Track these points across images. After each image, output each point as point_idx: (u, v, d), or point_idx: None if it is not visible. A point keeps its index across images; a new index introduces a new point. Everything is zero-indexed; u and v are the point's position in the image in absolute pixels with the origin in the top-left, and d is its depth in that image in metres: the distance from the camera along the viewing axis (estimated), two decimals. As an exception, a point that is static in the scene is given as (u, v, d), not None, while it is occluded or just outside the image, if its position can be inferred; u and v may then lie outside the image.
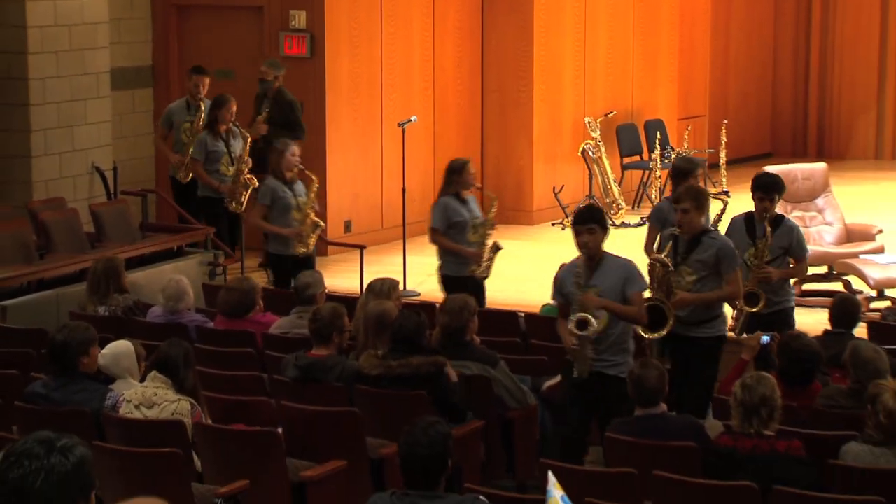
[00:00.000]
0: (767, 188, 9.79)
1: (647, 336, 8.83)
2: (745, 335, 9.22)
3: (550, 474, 4.72)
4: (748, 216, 9.89)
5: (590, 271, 8.38)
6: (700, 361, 8.90)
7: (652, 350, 8.98)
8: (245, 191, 12.91)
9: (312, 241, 11.61)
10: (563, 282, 8.53)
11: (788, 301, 9.91)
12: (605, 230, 8.43)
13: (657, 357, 8.71)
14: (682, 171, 10.49)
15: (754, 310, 9.50)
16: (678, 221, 9.04)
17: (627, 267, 8.49)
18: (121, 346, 7.95)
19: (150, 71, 15.27)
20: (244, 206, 12.95)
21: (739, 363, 8.22)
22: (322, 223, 11.87)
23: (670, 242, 9.10)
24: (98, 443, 7.04)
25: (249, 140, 13.13)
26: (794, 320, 9.92)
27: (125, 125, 14.76)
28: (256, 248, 13.65)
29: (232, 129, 13.23)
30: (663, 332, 8.76)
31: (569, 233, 8.63)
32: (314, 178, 12.02)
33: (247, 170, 12.95)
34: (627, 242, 11.67)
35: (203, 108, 13.44)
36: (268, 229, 11.83)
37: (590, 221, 8.36)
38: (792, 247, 9.81)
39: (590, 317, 8.05)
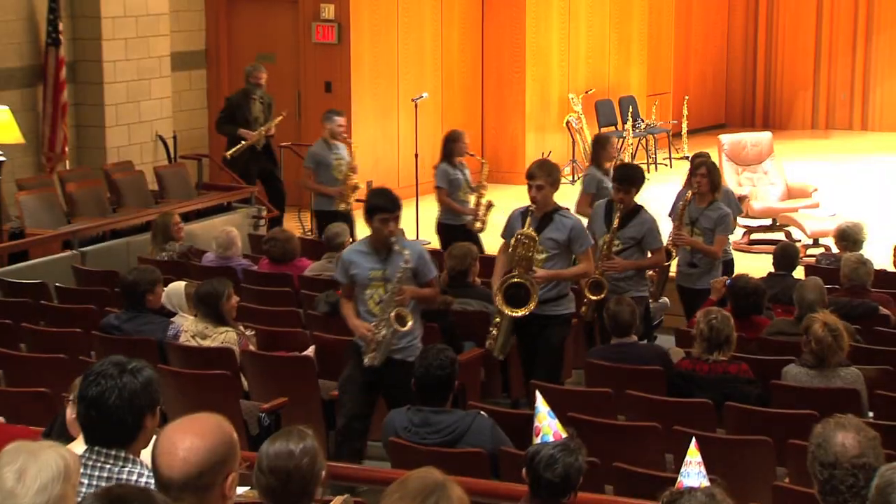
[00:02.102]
0: (623, 180, 8.46)
1: (509, 313, 7.51)
2: (714, 279, 8.94)
3: (538, 393, 4.71)
4: (609, 203, 8.59)
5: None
6: (546, 340, 7.67)
7: (503, 326, 7.66)
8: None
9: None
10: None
11: (639, 291, 8.47)
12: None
13: (508, 333, 7.68)
14: (599, 142, 10.60)
15: (597, 298, 8.20)
16: (532, 198, 7.70)
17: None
18: (175, 287, 7.95)
19: (203, 55, 15.22)
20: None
21: (708, 302, 8.21)
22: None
23: (528, 218, 7.70)
24: (162, 366, 7.06)
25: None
26: (642, 310, 8.22)
27: (183, 101, 14.71)
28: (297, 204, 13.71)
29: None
30: (528, 310, 7.48)
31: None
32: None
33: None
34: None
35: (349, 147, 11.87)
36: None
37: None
38: (644, 239, 8.41)
39: (406, 313, 6.89)
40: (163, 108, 13.89)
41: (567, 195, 10.08)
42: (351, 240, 9.98)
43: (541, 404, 4.58)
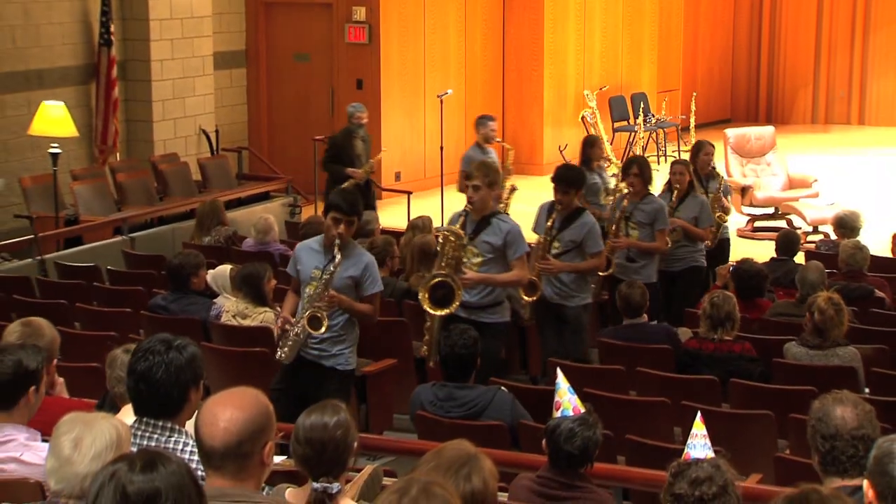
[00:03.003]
0: (561, 180, 7.67)
1: (433, 312, 6.88)
2: (719, 266, 8.93)
3: (559, 370, 4.71)
4: (552, 204, 7.74)
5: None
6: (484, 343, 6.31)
7: (434, 329, 6.96)
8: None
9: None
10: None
11: (581, 298, 7.70)
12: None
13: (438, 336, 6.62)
14: (587, 143, 10.74)
15: (531, 299, 7.60)
16: (468, 198, 7.03)
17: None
18: (221, 270, 7.97)
19: (243, 55, 15.23)
20: None
21: (714, 287, 8.17)
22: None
23: (462, 217, 7.03)
24: (205, 344, 7.07)
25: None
26: (585, 318, 7.76)
27: (224, 97, 14.73)
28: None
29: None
30: (450, 310, 6.81)
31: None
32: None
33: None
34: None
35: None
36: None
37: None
38: (584, 242, 7.60)
39: (323, 316, 6.21)
40: (206, 104, 13.91)
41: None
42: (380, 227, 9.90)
43: (561, 381, 4.57)
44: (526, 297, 7.62)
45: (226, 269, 7.91)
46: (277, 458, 4.36)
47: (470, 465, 3.13)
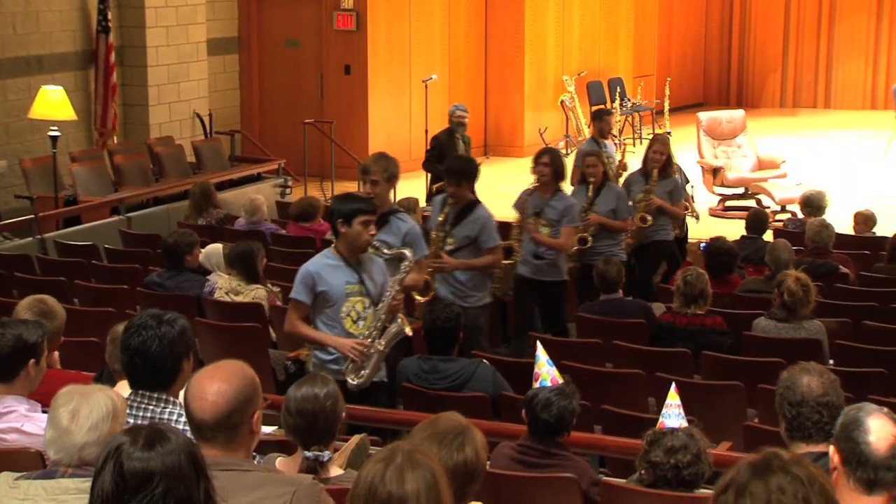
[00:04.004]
0: (453, 172, 7.08)
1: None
2: (690, 243, 9.10)
3: (539, 343, 4.70)
4: (444, 198, 7.12)
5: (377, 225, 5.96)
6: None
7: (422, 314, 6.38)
8: None
9: None
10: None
11: (478, 297, 7.05)
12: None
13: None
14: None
15: (423, 299, 6.86)
16: (366, 193, 6.33)
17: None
18: (214, 248, 7.94)
19: (236, 41, 15.15)
20: None
21: (685, 263, 8.17)
22: None
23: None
24: (199, 319, 7.05)
25: None
26: (484, 320, 7.10)
27: (218, 82, 14.66)
28: (319, 175, 13.68)
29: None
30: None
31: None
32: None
33: None
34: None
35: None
36: None
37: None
38: (479, 237, 6.97)
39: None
40: (200, 88, 13.85)
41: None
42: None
43: (541, 353, 4.58)
44: (419, 298, 6.84)
45: (218, 247, 7.88)
46: (269, 429, 4.36)
47: (463, 435, 3.14)
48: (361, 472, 2.61)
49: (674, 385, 4.20)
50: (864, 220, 9.86)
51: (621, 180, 9.54)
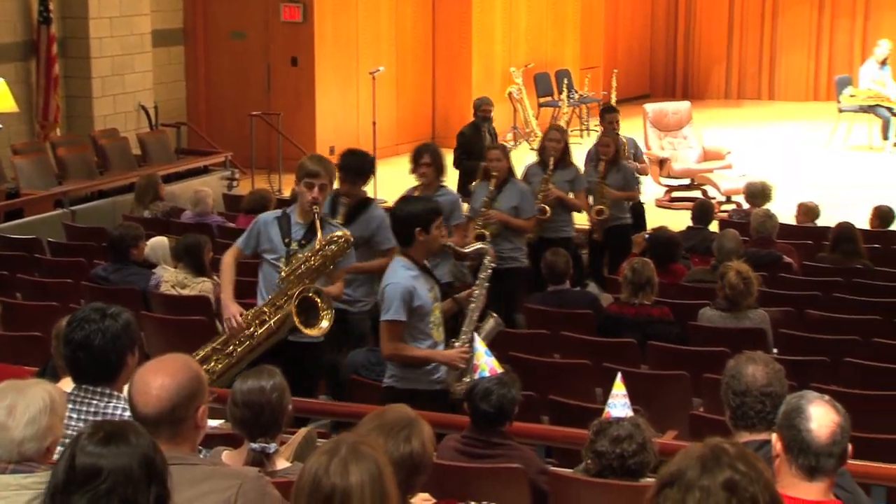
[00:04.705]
0: (349, 170, 6.53)
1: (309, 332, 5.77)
2: (635, 234, 9.11)
3: (476, 334, 4.71)
4: (335, 196, 6.57)
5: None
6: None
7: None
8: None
9: None
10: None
11: (366, 303, 6.50)
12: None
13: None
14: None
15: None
16: (313, 199, 5.75)
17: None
18: (160, 241, 7.88)
19: (181, 32, 15.01)
20: None
21: (631, 256, 8.22)
22: None
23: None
24: (145, 313, 6.99)
25: None
26: (367, 326, 6.49)
27: (163, 74, 14.51)
28: (266, 167, 13.61)
29: None
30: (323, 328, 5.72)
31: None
32: None
33: None
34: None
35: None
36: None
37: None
38: (374, 237, 6.46)
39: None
40: (145, 80, 13.71)
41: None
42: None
43: (478, 344, 4.59)
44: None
45: (163, 240, 7.83)
46: (214, 423, 4.33)
47: (410, 428, 3.14)
48: (306, 464, 2.60)
49: (619, 375, 4.23)
50: (807, 210, 9.97)
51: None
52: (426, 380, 5.26)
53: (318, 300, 5.62)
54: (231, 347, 5.84)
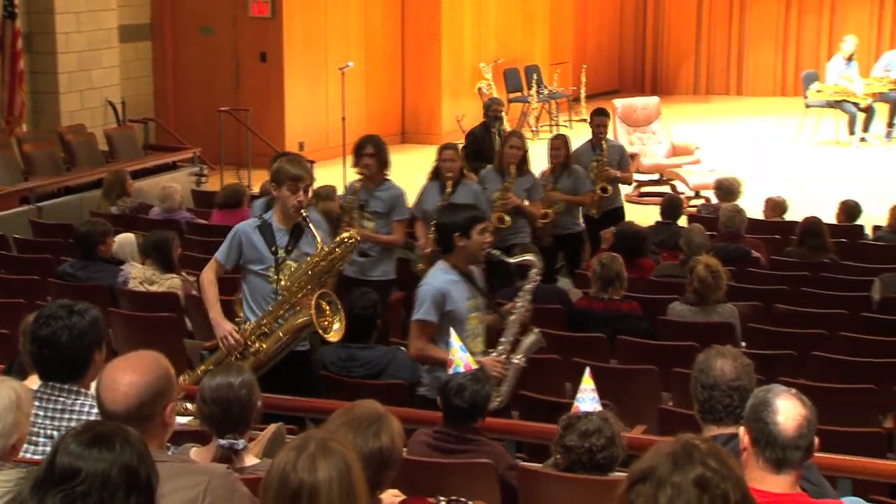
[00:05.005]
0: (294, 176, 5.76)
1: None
2: (603, 231, 9.11)
3: (452, 330, 4.71)
4: (271, 201, 6.42)
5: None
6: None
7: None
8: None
9: None
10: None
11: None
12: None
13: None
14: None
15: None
16: (298, 203, 5.61)
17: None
18: (127, 237, 7.84)
19: (148, 28, 14.92)
20: None
21: (601, 251, 8.24)
22: None
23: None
24: (113, 309, 6.95)
25: None
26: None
27: (130, 69, 14.43)
28: (235, 163, 13.56)
29: None
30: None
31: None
32: None
33: None
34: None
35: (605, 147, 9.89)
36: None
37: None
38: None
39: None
40: (112, 76, 13.63)
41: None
42: None
43: (454, 340, 4.59)
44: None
45: (131, 236, 7.80)
46: (182, 419, 4.31)
47: (379, 423, 3.14)
48: (274, 460, 2.60)
49: (588, 370, 4.24)
50: (775, 205, 10.03)
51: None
52: None
53: (331, 305, 5.56)
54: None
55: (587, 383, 4.18)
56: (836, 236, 8.90)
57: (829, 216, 9.74)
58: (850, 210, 9.80)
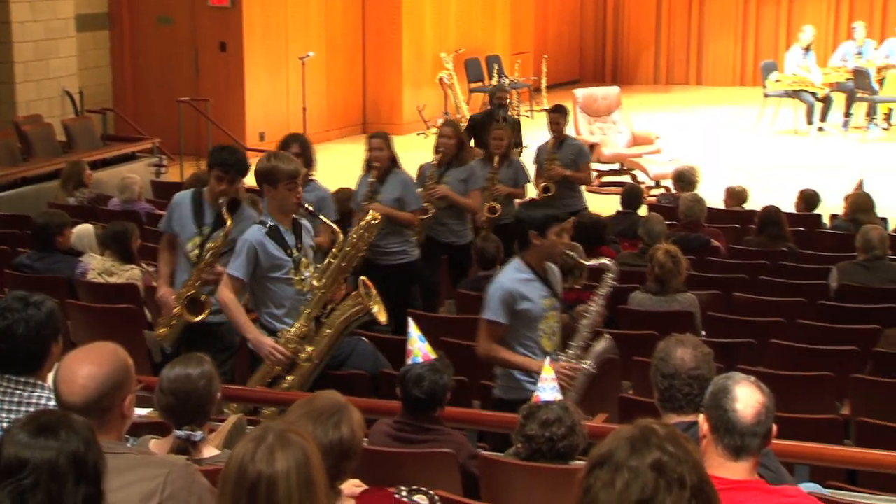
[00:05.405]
0: (228, 165, 5.87)
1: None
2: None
3: (410, 320, 4.71)
4: (197, 194, 6.05)
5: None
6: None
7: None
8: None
9: None
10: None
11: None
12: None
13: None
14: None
15: (196, 319, 5.89)
16: (298, 199, 5.62)
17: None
18: (85, 228, 7.77)
19: (106, 17, 14.80)
20: None
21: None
22: None
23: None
24: (71, 301, 6.89)
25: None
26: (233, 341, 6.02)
27: (88, 59, 14.30)
28: (196, 153, 13.47)
29: None
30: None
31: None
32: None
33: None
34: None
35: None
36: None
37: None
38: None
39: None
40: (69, 65, 13.50)
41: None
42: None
43: (412, 330, 4.59)
44: (192, 318, 5.91)
45: (89, 227, 7.73)
46: (143, 411, 4.29)
47: (339, 414, 3.13)
48: (233, 451, 2.59)
49: (548, 359, 4.25)
50: (735, 194, 10.09)
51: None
52: (530, 389, 4.69)
53: (365, 288, 5.58)
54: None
55: (547, 372, 4.19)
56: (794, 225, 8.97)
57: (788, 205, 9.82)
58: (808, 199, 9.88)
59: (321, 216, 5.86)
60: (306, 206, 5.64)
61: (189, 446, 3.58)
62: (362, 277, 5.66)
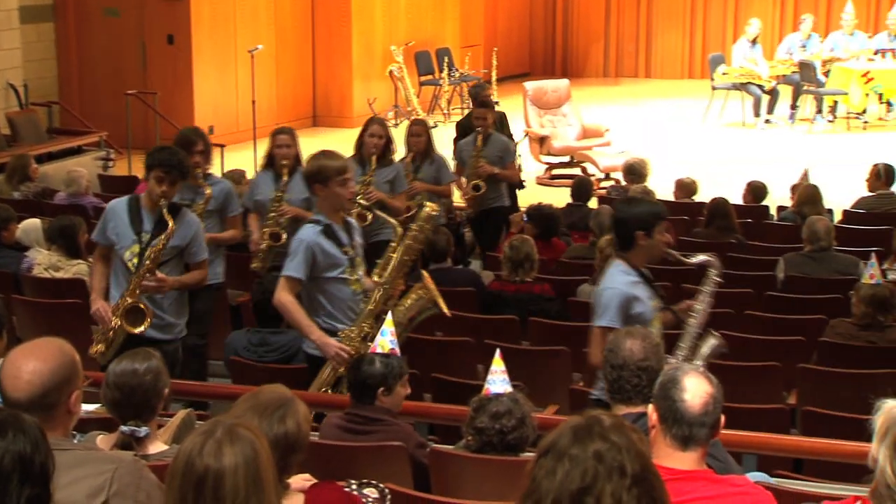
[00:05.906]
0: (168, 165, 5.53)
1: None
2: (512, 214, 8.98)
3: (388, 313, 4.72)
4: (134, 200, 5.70)
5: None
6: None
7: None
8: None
9: None
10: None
11: (181, 329, 5.77)
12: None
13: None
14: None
15: (137, 330, 5.50)
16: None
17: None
18: (32, 223, 7.69)
19: (51, 9, 14.61)
20: None
21: (510, 234, 8.28)
22: None
23: None
24: (17, 296, 6.82)
25: None
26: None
27: (32, 51, 14.12)
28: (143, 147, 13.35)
29: None
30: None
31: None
32: None
33: None
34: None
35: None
36: None
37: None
38: (189, 247, 5.67)
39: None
40: (13, 58, 13.34)
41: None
42: None
43: (386, 326, 4.60)
44: (130, 330, 5.54)
45: (36, 222, 7.64)
46: (89, 407, 4.25)
47: (285, 408, 3.12)
48: (181, 445, 2.58)
49: (498, 351, 4.26)
50: (684, 186, 10.17)
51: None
52: None
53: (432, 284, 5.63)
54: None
55: (497, 365, 4.20)
56: (742, 217, 9.06)
57: (736, 197, 9.91)
58: (756, 191, 9.98)
59: (379, 213, 5.95)
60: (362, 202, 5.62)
61: (133, 441, 3.55)
62: (424, 271, 5.67)
